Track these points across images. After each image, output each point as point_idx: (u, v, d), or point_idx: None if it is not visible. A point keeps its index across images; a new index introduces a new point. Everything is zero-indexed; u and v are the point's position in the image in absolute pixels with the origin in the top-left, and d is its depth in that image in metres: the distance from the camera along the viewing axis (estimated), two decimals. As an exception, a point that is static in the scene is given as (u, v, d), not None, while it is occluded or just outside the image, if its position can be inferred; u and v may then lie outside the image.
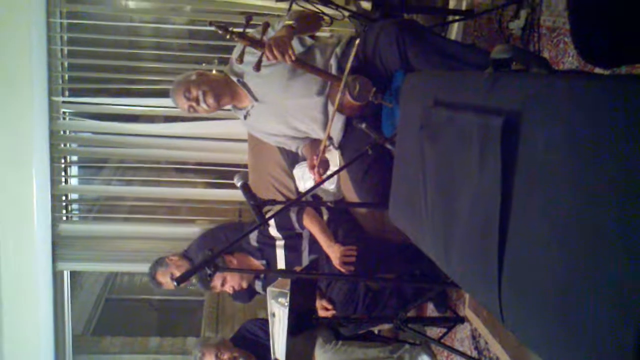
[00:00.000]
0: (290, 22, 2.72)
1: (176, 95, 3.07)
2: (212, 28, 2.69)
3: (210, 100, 3.02)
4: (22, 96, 4.06)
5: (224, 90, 3.07)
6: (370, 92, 2.67)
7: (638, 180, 0.92)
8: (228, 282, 3.47)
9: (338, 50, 2.94)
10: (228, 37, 2.69)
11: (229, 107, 3.26)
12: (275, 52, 2.58)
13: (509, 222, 1.27)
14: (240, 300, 4.00)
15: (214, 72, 3.21)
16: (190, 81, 3.03)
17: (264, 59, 2.67)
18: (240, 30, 2.70)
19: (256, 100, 3.08)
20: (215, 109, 3.11)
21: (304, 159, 3.40)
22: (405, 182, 2.04)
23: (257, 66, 2.69)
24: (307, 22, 2.92)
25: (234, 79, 3.04)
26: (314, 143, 3.23)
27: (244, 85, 3.03)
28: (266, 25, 2.73)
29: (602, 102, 1.01)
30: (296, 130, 3.17)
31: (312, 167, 3.00)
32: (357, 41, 2.66)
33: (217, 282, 3.44)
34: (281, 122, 3.14)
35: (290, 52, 2.59)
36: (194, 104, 3.03)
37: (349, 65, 2.62)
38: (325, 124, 3.01)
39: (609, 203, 0.97)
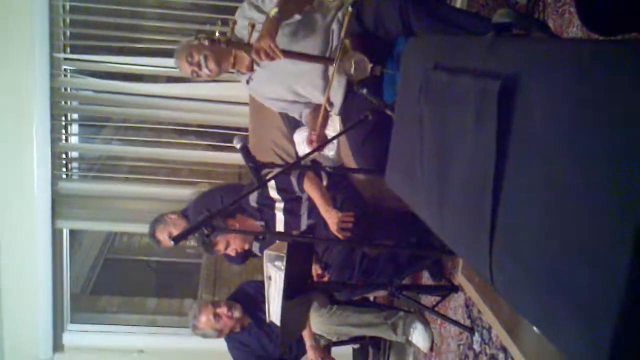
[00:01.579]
0: (274, 13, 2.67)
1: (179, 60, 3.07)
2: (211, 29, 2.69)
3: (212, 65, 3.01)
4: (23, 52, 4.04)
5: (226, 55, 3.05)
6: (366, 68, 2.65)
7: (635, 144, 0.91)
8: (231, 245, 3.47)
9: (340, 14, 2.91)
10: (215, 45, 2.69)
11: (233, 70, 3.26)
12: (263, 57, 2.59)
13: (502, 185, 1.28)
14: (235, 261, 4.02)
15: (216, 34, 3.19)
16: (192, 46, 3.02)
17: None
18: (227, 37, 2.72)
19: (258, 65, 3.06)
20: (218, 74, 3.10)
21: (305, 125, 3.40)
22: (402, 146, 2.04)
23: (250, 68, 2.71)
24: (293, 3, 2.88)
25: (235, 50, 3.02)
26: (317, 110, 3.23)
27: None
28: (252, 26, 2.70)
29: (602, 66, 1.00)
30: (298, 95, 3.16)
31: (310, 143, 3.01)
32: (349, 12, 2.62)
33: (220, 246, 3.45)
34: (283, 87, 3.13)
35: (276, 52, 2.59)
36: (196, 68, 3.03)
37: (337, 58, 2.60)
38: (326, 89, 3.00)
39: (605, 167, 0.97)
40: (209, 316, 3.77)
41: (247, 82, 3.22)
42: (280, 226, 3.52)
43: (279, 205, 3.48)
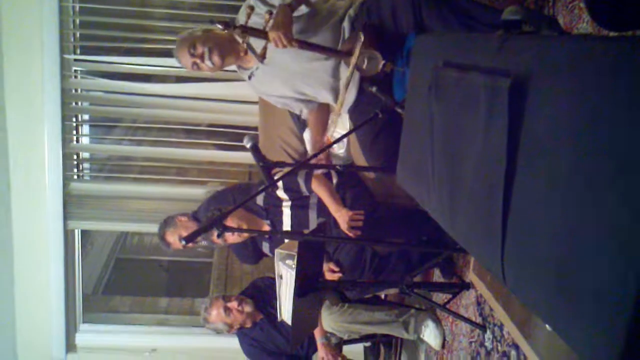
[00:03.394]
0: (288, 1, 2.66)
1: (180, 51, 2.99)
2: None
3: (216, 58, 2.95)
4: (33, 54, 4.06)
5: (230, 49, 3.00)
6: (378, 65, 2.64)
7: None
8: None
9: (351, 11, 2.91)
10: (232, 32, 2.66)
11: (235, 67, 3.23)
12: (280, 45, 2.58)
13: (513, 184, 1.27)
14: (248, 261, 4.02)
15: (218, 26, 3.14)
16: (196, 37, 2.96)
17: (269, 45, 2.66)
18: (243, 24, 2.68)
19: (259, 58, 3.02)
20: (220, 68, 3.04)
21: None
22: (413, 144, 2.04)
23: (262, 56, 2.68)
24: None
25: (239, 39, 3.00)
26: (321, 109, 3.22)
27: (249, 45, 2.98)
28: (269, 14, 2.67)
29: (613, 63, 1.00)
30: (302, 94, 3.14)
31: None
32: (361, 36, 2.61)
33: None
34: (287, 86, 3.10)
35: (292, 41, 2.59)
36: (198, 60, 2.95)
37: (357, 52, 2.58)
38: (335, 88, 2.99)
39: (617, 165, 0.97)
40: (219, 310, 3.79)
41: (249, 77, 3.19)
42: (287, 225, 3.51)
43: (286, 204, 3.48)
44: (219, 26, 2.61)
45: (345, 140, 3.33)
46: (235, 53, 3.04)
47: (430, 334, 3.52)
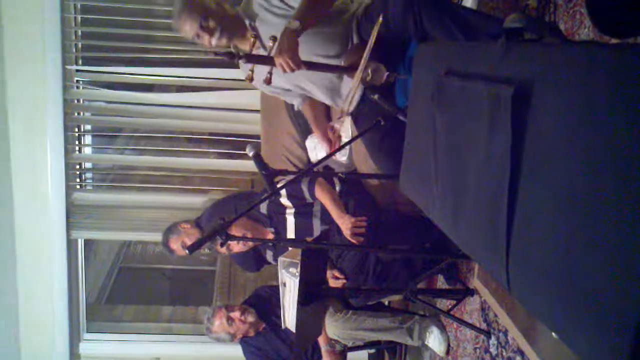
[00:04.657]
0: (295, 27, 2.54)
1: (189, 16, 2.80)
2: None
3: (225, 40, 2.84)
4: (35, 65, 4.07)
5: (238, 31, 2.88)
6: (383, 76, 2.63)
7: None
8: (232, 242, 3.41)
9: (357, 18, 2.90)
10: (236, 61, 2.63)
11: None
12: (287, 70, 2.55)
13: (517, 192, 1.28)
14: (249, 269, 4.02)
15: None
16: (211, 9, 2.81)
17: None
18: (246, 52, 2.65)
19: (264, 48, 2.97)
20: (220, 46, 2.90)
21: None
22: (415, 152, 2.04)
23: (268, 81, 2.66)
24: (316, 10, 2.71)
25: (247, 22, 2.86)
26: (315, 101, 3.20)
27: (255, 30, 2.87)
28: (273, 40, 2.63)
29: (616, 71, 1.00)
30: (298, 88, 3.11)
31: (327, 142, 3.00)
32: (378, 22, 2.57)
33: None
34: (287, 79, 3.05)
35: (300, 65, 2.55)
36: (204, 33, 2.81)
37: (361, 66, 2.57)
38: (335, 89, 2.97)
39: (617, 174, 0.97)
40: (222, 320, 3.80)
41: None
42: (290, 232, 3.51)
43: (290, 211, 3.48)
44: (226, 59, 2.58)
45: (347, 147, 3.33)
46: (242, 36, 2.90)
47: (434, 340, 3.51)
